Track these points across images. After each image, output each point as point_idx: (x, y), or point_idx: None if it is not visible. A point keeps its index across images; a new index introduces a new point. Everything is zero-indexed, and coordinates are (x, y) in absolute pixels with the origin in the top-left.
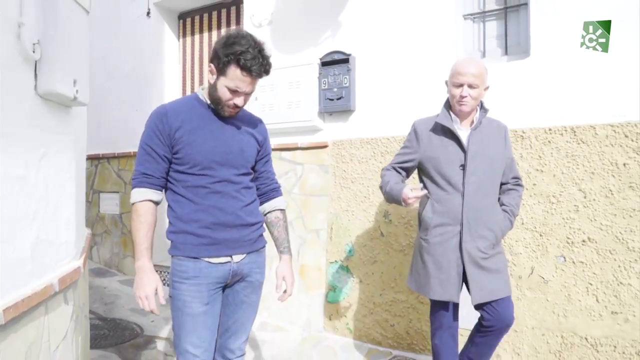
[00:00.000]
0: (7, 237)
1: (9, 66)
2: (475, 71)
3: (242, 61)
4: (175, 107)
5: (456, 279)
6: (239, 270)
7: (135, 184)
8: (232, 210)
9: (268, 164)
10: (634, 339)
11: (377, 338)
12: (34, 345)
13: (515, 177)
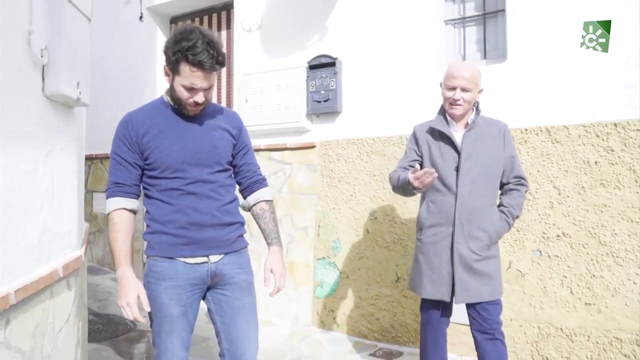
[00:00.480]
0: (18, 226)
1: (20, 70)
2: (468, 75)
3: (191, 57)
4: (139, 113)
5: (447, 279)
6: (218, 271)
7: (109, 194)
8: (207, 210)
9: (247, 156)
10: (607, 329)
11: (363, 331)
12: (40, 325)
13: (517, 177)
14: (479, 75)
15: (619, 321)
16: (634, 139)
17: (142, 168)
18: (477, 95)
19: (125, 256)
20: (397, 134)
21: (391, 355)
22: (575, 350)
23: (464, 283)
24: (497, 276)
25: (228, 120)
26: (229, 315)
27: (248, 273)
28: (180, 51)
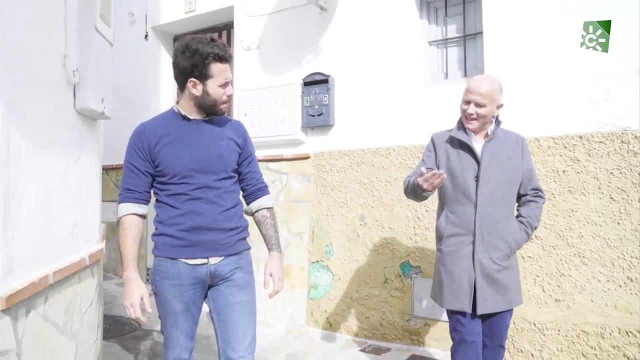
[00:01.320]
0: (55, 219)
1: (57, 88)
2: (484, 90)
3: (220, 54)
4: (151, 124)
5: (467, 289)
6: (217, 272)
7: (121, 200)
8: (210, 214)
9: (252, 165)
10: (575, 323)
11: (354, 330)
12: (70, 305)
13: (534, 189)
14: (499, 91)
15: (586, 316)
16: (597, 150)
17: (153, 175)
18: (494, 110)
19: (132, 259)
20: (384, 146)
21: (380, 351)
22: (547, 343)
23: (483, 293)
24: (515, 286)
25: (234, 130)
26: (224, 311)
27: (246, 272)
28: (206, 55)
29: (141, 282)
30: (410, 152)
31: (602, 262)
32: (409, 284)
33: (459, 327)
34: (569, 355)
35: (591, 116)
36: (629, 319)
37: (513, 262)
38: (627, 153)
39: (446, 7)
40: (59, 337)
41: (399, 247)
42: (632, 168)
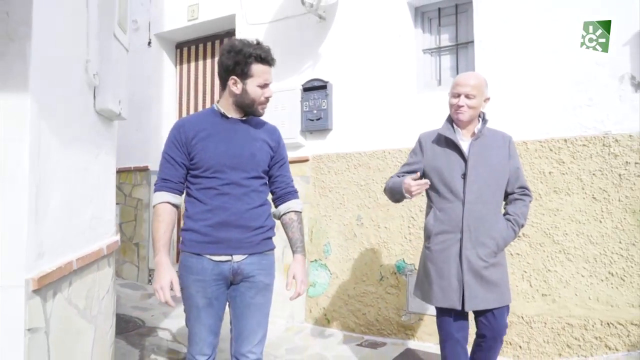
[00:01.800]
0: (77, 211)
1: (79, 91)
2: (473, 82)
3: (262, 56)
4: (191, 119)
5: (457, 286)
6: (239, 269)
7: (156, 189)
8: (236, 211)
9: (283, 169)
10: (560, 316)
11: (351, 325)
12: (90, 290)
13: (521, 187)
14: (485, 85)
15: (570, 309)
16: (581, 153)
17: (188, 168)
18: (482, 104)
19: (164, 245)
20: (380, 149)
21: (376, 345)
22: (534, 336)
23: (472, 290)
24: (504, 283)
25: (269, 134)
26: (240, 309)
27: (267, 275)
28: (251, 55)
29: (171, 267)
30: (404, 154)
31: (585, 258)
32: (404, 281)
33: (447, 324)
34: (554, 346)
35: (575, 121)
36: (611, 311)
37: (501, 259)
38: (608, 155)
39: (439, 17)
40: (80, 320)
41: (394, 245)
42: (612, 169)
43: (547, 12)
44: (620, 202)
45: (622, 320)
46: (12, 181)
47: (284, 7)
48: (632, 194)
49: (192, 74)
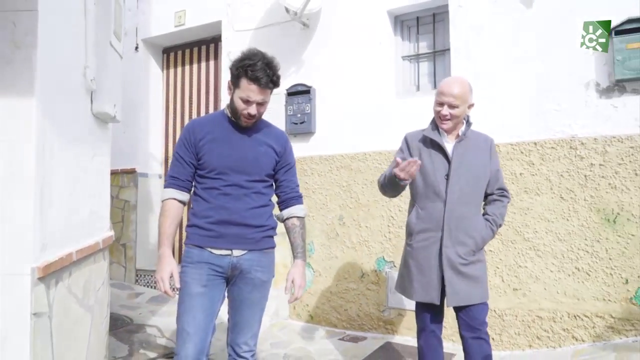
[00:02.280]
0: (77, 206)
1: (78, 95)
2: (456, 92)
3: (250, 73)
4: (202, 121)
5: (437, 283)
6: (238, 264)
7: (165, 186)
8: (237, 210)
9: (288, 174)
10: (530, 309)
11: (333, 321)
12: (87, 282)
13: (500, 189)
14: (469, 91)
15: (540, 303)
16: (549, 155)
17: (196, 167)
18: (466, 110)
19: (167, 238)
20: (361, 151)
21: (357, 339)
22: (506, 328)
23: (453, 287)
24: (484, 280)
25: (275, 139)
26: (237, 302)
27: (265, 272)
28: (242, 67)
29: (173, 259)
30: (384, 157)
31: (553, 254)
32: (384, 277)
33: (424, 317)
34: (525, 338)
35: (544, 125)
36: (577, 304)
37: (481, 257)
38: (574, 157)
39: (418, 26)
40: (78, 308)
41: (375, 244)
42: (579, 171)
43: (518, 23)
44: (586, 202)
45: (587, 313)
46: (19, 178)
47: (269, 14)
48: (597, 194)
49: (178, 78)
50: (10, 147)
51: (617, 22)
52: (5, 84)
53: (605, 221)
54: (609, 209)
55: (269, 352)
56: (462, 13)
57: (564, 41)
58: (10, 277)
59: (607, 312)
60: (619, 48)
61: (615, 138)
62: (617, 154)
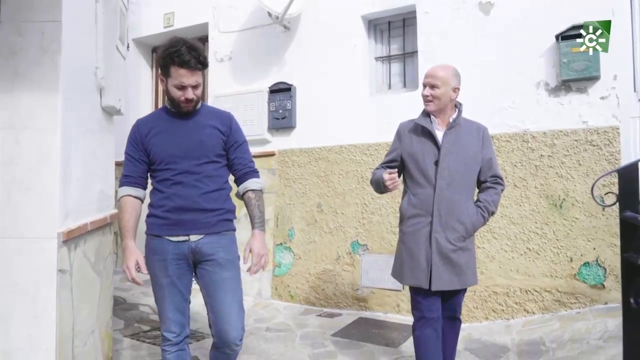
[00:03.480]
0: (90, 185)
1: (91, 91)
2: (439, 74)
3: (177, 59)
4: (146, 118)
5: (425, 266)
6: (197, 249)
7: (120, 185)
8: (189, 196)
9: (238, 151)
10: (487, 286)
11: (312, 300)
12: (98, 249)
13: (494, 176)
14: (452, 75)
15: (495, 279)
16: (505, 147)
17: (148, 164)
18: (450, 93)
19: (128, 230)
20: (337, 144)
21: (333, 315)
22: (465, 302)
23: (438, 272)
24: (469, 267)
25: (219, 120)
26: (210, 288)
27: (227, 252)
28: (168, 56)
29: (137, 248)
30: (359, 149)
31: (507, 236)
32: (358, 259)
33: (419, 305)
34: (482, 311)
35: (500, 121)
36: (528, 280)
37: (469, 244)
38: (526, 150)
39: (389, 30)
40: (91, 271)
41: (350, 229)
42: (530, 161)
43: (478, 29)
44: (536, 189)
45: (537, 288)
46: (48, 160)
47: (253, 17)
48: (546, 182)
49: None
50: (40, 135)
51: (562, 29)
52: (35, 83)
53: (553, 206)
54: (556, 196)
55: (253, 327)
56: (428, 19)
57: (518, 45)
58: (41, 240)
59: (554, 287)
60: (565, 52)
61: (562, 132)
62: (563, 147)
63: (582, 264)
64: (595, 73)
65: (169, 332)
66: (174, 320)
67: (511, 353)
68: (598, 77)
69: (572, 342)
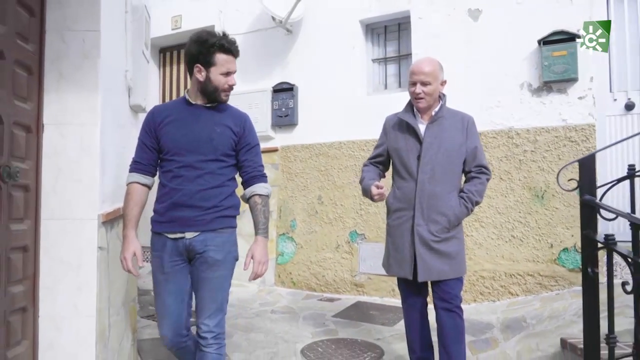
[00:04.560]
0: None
1: (121, 92)
2: (427, 69)
3: (225, 46)
4: (162, 106)
5: (409, 258)
6: (191, 246)
7: (130, 170)
8: (188, 192)
9: (249, 153)
10: (475, 270)
11: (313, 286)
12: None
13: (478, 166)
14: (440, 69)
15: (482, 265)
16: (492, 143)
17: (158, 151)
18: (439, 87)
19: (130, 220)
20: (337, 140)
21: (332, 300)
22: None
23: (425, 263)
24: (458, 256)
25: (233, 120)
26: (195, 286)
27: (219, 252)
28: (213, 45)
29: (136, 239)
30: (357, 145)
31: (494, 225)
32: (356, 248)
33: (404, 291)
34: (471, 294)
35: (488, 118)
36: (512, 265)
37: (457, 233)
38: (511, 145)
39: (385, 33)
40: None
41: (348, 219)
42: (514, 156)
43: (467, 34)
44: (520, 181)
45: (521, 272)
46: (88, 152)
47: (257, 20)
48: (529, 175)
49: (174, 75)
50: (82, 130)
51: (544, 34)
52: (77, 84)
53: (535, 197)
54: (538, 187)
55: (259, 310)
56: (422, 24)
57: (504, 49)
58: (84, 220)
59: (536, 271)
60: (546, 55)
61: (544, 129)
62: (545, 142)
63: (561, 250)
64: (573, 75)
65: (161, 335)
66: (166, 323)
67: (495, 329)
68: (576, 79)
69: (550, 319)
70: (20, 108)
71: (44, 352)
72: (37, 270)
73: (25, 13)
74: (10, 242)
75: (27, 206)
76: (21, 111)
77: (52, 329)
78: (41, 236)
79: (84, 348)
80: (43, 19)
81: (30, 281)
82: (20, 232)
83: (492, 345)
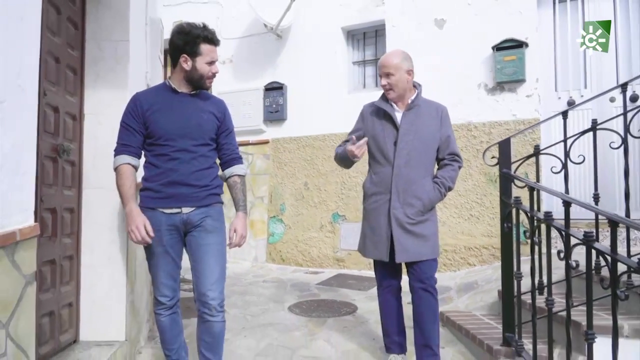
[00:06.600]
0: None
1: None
2: (388, 62)
3: (209, 37)
4: (146, 92)
5: (385, 240)
6: (189, 219)
7: (117, 153)
8: (183, 172)
9: (228, 137)
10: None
11: (299, 262)
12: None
13: (451, 154)
14: (403, 59)
15: (445, 240)
16: (460, 138)
17: (144, 135)
18: (405, 77)
19: (132, 196)
20: (321, 133)
21: (317, 273)
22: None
23: (402, 244)
24: (433, 238)
25: (216, 106)
26: (196, 252)
27: (215, 220)
28: (197, 37)
29: (141, 213)
30: (339, 137)
31: (455, 205)
32: (338, 227)
33: (379, 274)
34: None
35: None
36: (471, 239)
37: (431, 216)
38: (470, 137)
39: (364, 39)
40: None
41: (331, 203)
42: (472, 146)
43: (434, 40)
44: (477, 168)
45: (477, 246)
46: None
47: (251, 26)
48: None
49: None
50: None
51: (497, 42)
52: (110, 83)
53: (490, 181)
54: (492, 173)
55: (252, 280)
56: (395, 31)
57: (464, 54)
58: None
59: (490, 245)
60: (499, 59)
61: (497, 123)
62: (498, 134)
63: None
64: (521, 77)
65: (163, 296)
66: (167, 285)
67: (452, 290)
68: (524, 80)
69: (496, 280)
70: (69, 101)
71: (86, 290)
72: (80, 228)
73: (72, 27)
74: (64, 204)
75: (73, 177)
76: (70, 103)
77: (92, 275)
78: (83, 201)
79: (117, 288)
80: (84, 31)
81: (75, 236)
82: (69, 197)
83: (447, 302)
